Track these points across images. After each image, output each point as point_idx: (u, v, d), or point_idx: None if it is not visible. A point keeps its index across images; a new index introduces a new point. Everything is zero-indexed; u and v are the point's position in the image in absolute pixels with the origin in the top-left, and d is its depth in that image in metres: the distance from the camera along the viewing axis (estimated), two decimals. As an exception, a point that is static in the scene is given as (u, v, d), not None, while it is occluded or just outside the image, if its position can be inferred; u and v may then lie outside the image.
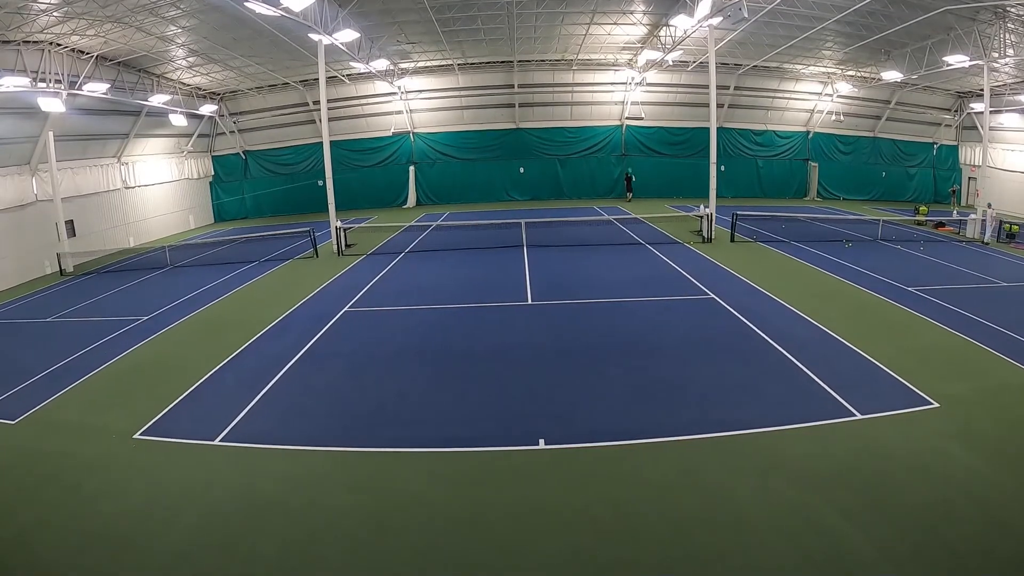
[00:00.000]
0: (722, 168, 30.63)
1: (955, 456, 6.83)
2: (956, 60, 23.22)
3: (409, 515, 6.15)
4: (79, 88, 20.97)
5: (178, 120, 28.77)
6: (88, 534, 5.99)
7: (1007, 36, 21.68)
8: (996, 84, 27.93)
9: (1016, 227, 21.28)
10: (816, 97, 34.61)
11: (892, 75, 28.17)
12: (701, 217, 21.81)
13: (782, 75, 33.05)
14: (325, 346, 11.59)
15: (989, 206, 21.30)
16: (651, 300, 13.94)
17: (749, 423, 7.71)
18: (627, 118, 35.18)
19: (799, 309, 12.70)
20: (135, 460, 7.54)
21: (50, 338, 13.29)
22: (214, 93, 31.86)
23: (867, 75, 31.73)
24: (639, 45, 28.68)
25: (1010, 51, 22.08)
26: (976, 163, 32.80)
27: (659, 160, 35.78)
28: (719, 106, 30.20)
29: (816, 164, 36.08)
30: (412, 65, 31.47)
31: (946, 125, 35.34)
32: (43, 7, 16.62)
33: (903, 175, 36.28)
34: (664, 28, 25.07)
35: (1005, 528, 5.54)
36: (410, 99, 33.63)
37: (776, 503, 6.08)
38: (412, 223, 26.74)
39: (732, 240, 21.11)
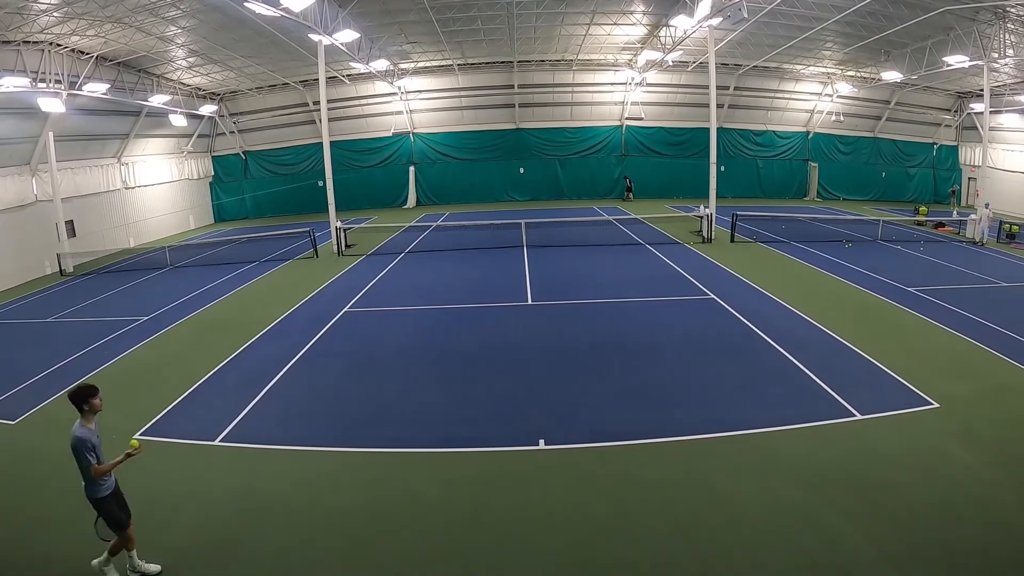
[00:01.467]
0: (722, 168, 30.62)
1: (955, 456, 6.83)
2: (956, 60, 23.23)
3: (409, 515, 6.15)
4: (79, 88, 20.97)
5: (178, 120, 28.77)
6: (88, 534, 5.98)
7: (1007, 36, 21.69)
8: (996, 84, 27.92)
9: (1016, 227, 21.28)
10: (816, 97, 34.61)
11: (892, 75, 28.17)
12: (701, 217, 21.81)
13: (782, 75, 33.07)
14: (325, 346, 11.59)
15: (986, 206, 21.32)
16: (651, 300, 13.94)
17: (749, 423, 7.71)
18: (627, 118, 35.19)
19: (799, 309, 12.70)
20: (135, 460, 7.52)
21: (50, 338, 13.28)
22: (214, 93, 31.86)
23: (867, 75, 31.74)
24: (639, 45, 28.69)
25: (1010, 51, 22.08)
26: (976, 163, 32.80)
27: (659, 160, 35.79)
28: (719, 106, 30.18)
29: (816, 164, 36.09)
30: (412, 65, 31.48)
31: (946, 125, 35.34)
32: (43, 7, 16.62)
33: (903, 175, 36.29)
34: (664, 28, 25.08)
35: (1005, 528, 5.53)
36: (410, 99, 33.63)
37: (776, 503, 6.07)
38: (412, 223, 26.75)
39: (732, 240, 21.12)
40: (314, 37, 19.77)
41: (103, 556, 5.34)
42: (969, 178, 34.68)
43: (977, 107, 30.13)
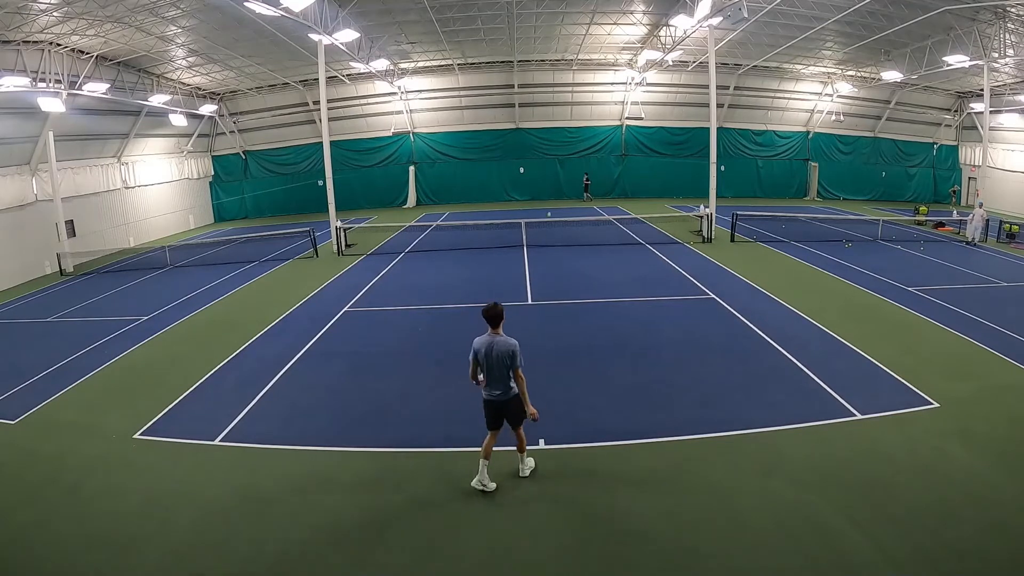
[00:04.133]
0: (722, 168, 30.65)
1: (955, 456, 6.82)
2: (956, 60, 23.25)
3: (409, 515, 6.14)
4: (79, 88, 20.98)
5: (178, 120, 28.78)
6: (88, 534, 5.99)
7: (1007, 36, 21.72)
8: (996, 84, 27.96)
9: (1016, 227, 21.28)
10: (816, 97, 34.62)
11: (892, 75, 28.19)
12: (701, 217, 21.81)
13: (782, 75, 33.07)
14: (325, 346, 11.59)
15: (980, 205, 21.39)
16: (651, 300, 13.94)
17: (749, 423, 7.70)
18: (627, 118, 35.19)
19: (799, 309, 12.70)
20: (135, 460, 7.54)
21: (50, 338, 13.28)
22: (214, 93, 31.86)
23: (867, 75, 31.75)
24: (639, 45, 28.70)
25: (1010, 51, 22.10)
26: (976, 163, 32.81)
27: (659, 160, 35.81)
28: (719, 106, 30.21)
29: (816, 164, 36.10)
30: (412, 65, 31.49)
31: (946, 125, 35.36)
32: (43, 7, 16.62)
33: (903, 175, 36.32)
34: (664, 28, 25.11)
35: (1005, 528, 5.53)
36: (410, 99, 33.64)
37: (776, 503, 6.07)
38: (412, 223, 26.76)
39: (732, 240, 21.12)
40: (314, 37, 19.77)
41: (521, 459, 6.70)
42: (969, 178, 34.70)
43: (977, 107, 30.16)
